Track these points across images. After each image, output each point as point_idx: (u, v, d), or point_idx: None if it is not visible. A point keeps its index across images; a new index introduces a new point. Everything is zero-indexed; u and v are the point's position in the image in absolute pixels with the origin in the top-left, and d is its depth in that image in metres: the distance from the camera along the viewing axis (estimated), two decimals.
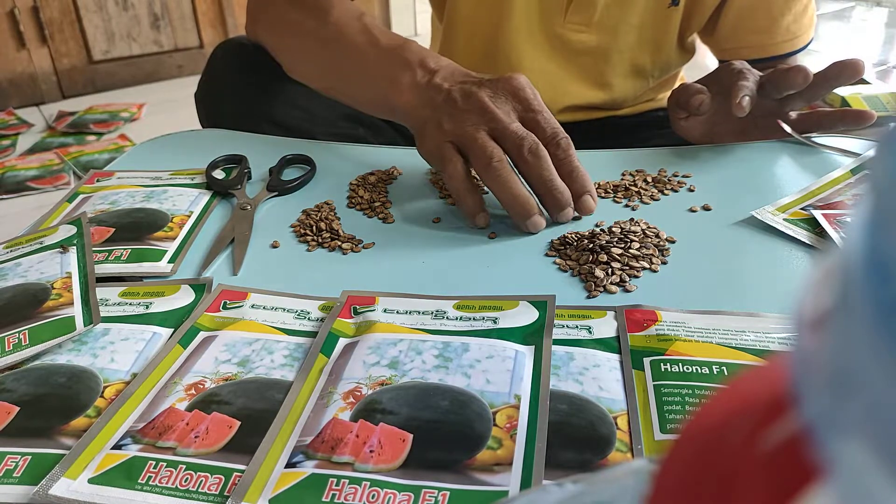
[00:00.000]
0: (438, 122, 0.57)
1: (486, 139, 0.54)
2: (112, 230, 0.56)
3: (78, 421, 0.37)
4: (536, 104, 0.57)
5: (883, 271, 0.07)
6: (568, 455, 0.34)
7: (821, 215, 0.54)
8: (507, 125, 0.54)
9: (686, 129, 0.70)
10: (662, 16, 0.79)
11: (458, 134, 0.55)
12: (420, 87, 0.60)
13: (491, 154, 0.54)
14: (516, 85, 0.57)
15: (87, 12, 2.46)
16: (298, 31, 0.71)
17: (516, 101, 0.57)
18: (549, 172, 0.54)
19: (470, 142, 0.55)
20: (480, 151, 0.54)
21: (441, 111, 0.57)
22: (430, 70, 0.60)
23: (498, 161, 0.54)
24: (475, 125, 0.55)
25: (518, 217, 0.54)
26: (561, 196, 0.54)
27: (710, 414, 0.10)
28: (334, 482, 0.33)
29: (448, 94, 0.57)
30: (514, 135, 0.54)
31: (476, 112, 0.55)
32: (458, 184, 0.55)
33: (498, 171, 0.53)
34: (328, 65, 0.70)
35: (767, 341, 0.41)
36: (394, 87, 0.61)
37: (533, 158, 0.54)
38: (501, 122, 0.55)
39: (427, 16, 1.01)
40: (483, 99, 0.56)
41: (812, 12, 0.81)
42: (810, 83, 0.63)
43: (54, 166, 1.88)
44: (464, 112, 0.56)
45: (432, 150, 0.57)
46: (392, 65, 0.62)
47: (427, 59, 0.61)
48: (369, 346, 0.42)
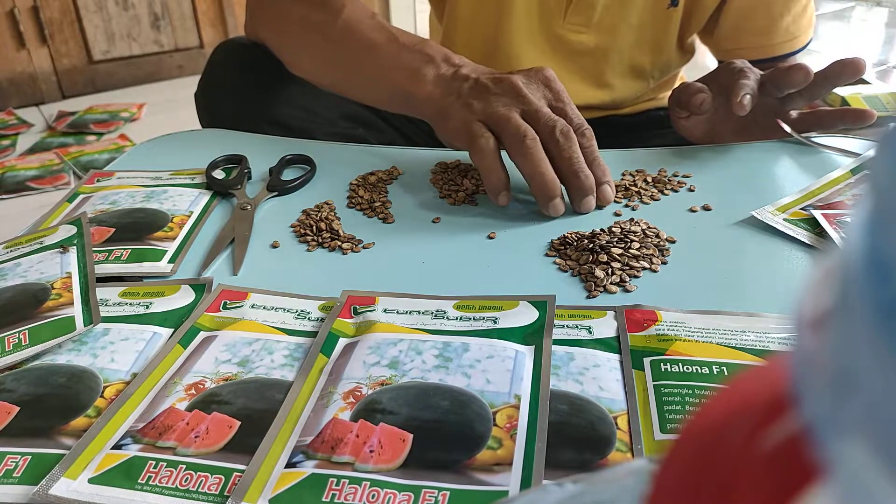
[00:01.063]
0: (467, 103, 0.58)
1: (518, 119, 0.56)
2: (112, 230, 0.56)
3: (78, 421, 0.37)
4: (566, 96, 0.59)
5: (883, 271, 0.07)
6: (568, 455, 0.34)
7: (821, 215, 0.54)
8: (539, 108, 0.56)
9: (687, 128, 0.70)
10: (662, 16, 0.79)
11: (490, 113, 0.56)
12: (445, 78, 0.61)
13: (525, 132, 0.55)
14: (549, 75, 0.60)
15: (87, 12, 2.46)
16: (304, 27, 0.72)
17: (547, 90, 0.59)
18: (579, 155, 0.55)
19: (503, 121, 0.56)
20: (514, 129, 0.55)
21: (470, 95, 0.58)
22: (455, 64, 0.62)
23: (532, 139, 0.55)
24: (507, 106, 0.56)
25: (542, 197, 0.55)
26: (587, 180, 0.55)
27: (710, 414, 0.10)
28: (334, 482, 0.33)
29: (476, 80, 0.59)
30: (546, 117, 0.56)
31: (508, 94, 0.57)
32: (488, 159, 0.56)
33: (530, 148, 0.54)
34: (336, 59, 0.70)
35: (767, 341, 0.41)
36: (414, 79, 0.62)
37: (564, 140, 0.55)
38: (534, 104, 0.56)
39: (427, 15, 1.00)
40: (516, 82, 0.57)
41: (811, 13, 0.81)
42: (811, 82, 0.63)
43: (54, 166, 1.88)
44: (496, 94, 0.57)
45: (459, 127, 0.58)
46: (413, 59, 0.63)
47: (451, 55, 0.63)
48: (369, 346, 0.42)
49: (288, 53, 0.74)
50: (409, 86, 0.63)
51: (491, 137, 0.56)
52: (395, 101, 0.67)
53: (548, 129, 0.55)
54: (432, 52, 0.63)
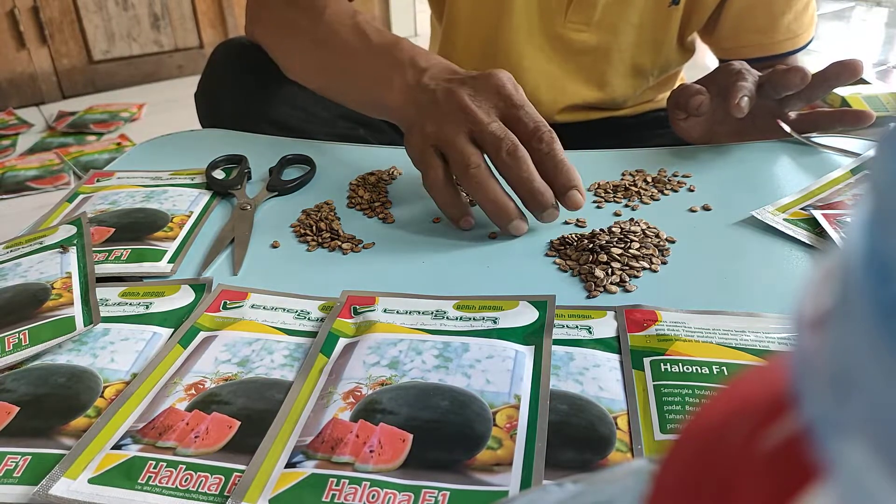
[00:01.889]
0: (422, 125, 0.56)
1: (464, 143, 0.53)
2: (112, 230, 0.56)
3: (78, 421, 0.37)
4: (518, 99, 0.55)
5: (883, 271, 0.07)
6: (568, 455, 0.34)
7: (821, 215, 0.54)
8: (485, 125, 0.53)
9: (686, 129, 0.70)
10: (662, 15, 0.79)
11: (439, 137, 0.55)
12: (409, 87, 0.59)
13: (468, 161, 0.53)
14: (497, 82, 0.56)
15: (87, 12, 2.46)
16: (294, 32, 0.71)
17: (498, 99, 0.55)
18: (527, 173, 0.52)
19: (449, 146, 0.54)
20: (459, 157, 0.53)
21: (424, 113, 0.56)
22: (420, 69, 0.60)
23: (475, 167, 0.53)
24: (455, 127, 0.54)
25: (499, 222, 0.54)
26: (542, 196, 0.53)
27: (710, 414, 0.10)
28: (334, 482, 0.33)
29: (433, 94, 0.57)
30: (492, 136, 0.53)
31: (455, 112, 0.54)
32: (438, 192, 0.55)
33: (475, 177, 0.53)
34: (321, 65, 0.69)
35: (767, 341, 0.41)
36: (385, 87, 0.61)
37: (511, 160, 0.52)
38: (481, 122, 0.53)
39: (427, 15, 1.00)
40: (463, 98, 0.55)
41: (813, 11, 0.81)
42: (809, 83, 0.63)
43: (54, 166, 1.88)
44: (445, 113, 0.55)
45: (416, 155, 0.57)
46: (383, 64, 0.62)
47: (417, 57, 0.61)
48: (369, 346, 0.42)
49: (281, 57, 0.74)
50: (379, 93, 0.61)
51: (441, 167, 0.55)
52: (374, 109, 0.66)
53: (493, 149, 0.53)
54: (401, 56, 0.61)
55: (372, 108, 0.66)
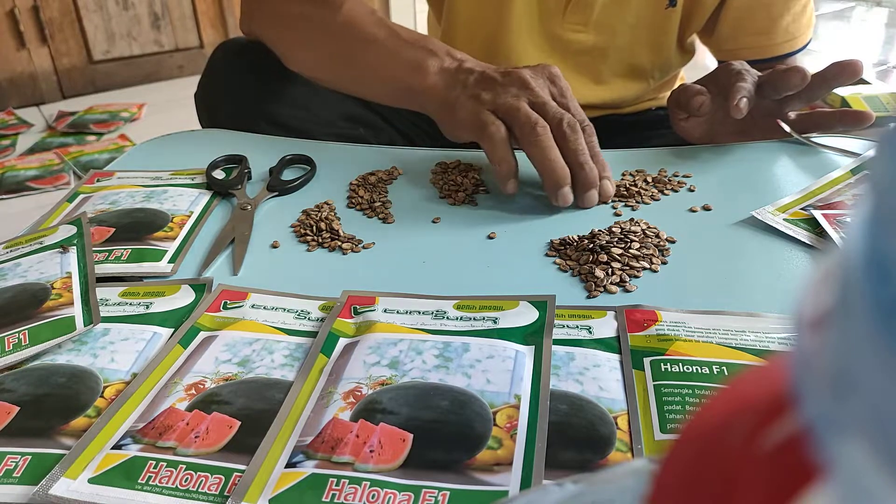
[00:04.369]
0: (474, 95, 0.58)
1: (528, 108, 0.56)
2: (112, 230, 0.56)
3: (78, 421, 0.37)
4: (569, 93, 0.60)
5: (883, 271, 0.07)
6: (568, 455, 0.34)
7: (821, 215, 0.54)
8: (547, 101, 0.57)
9: (686, 129, 0.70)
10: (660, 17, 0.79)
11: (500, 103, 0.57)
12: (449, 71, 0.62)
13: (536, 121, 0.55)
14: (554, 72, 0.61)
15: (87, 12, 2.46)
16: (303, 23, 0.72)
17: (553, 86, 0.60)
18: (584, 148, 0.56)
19: (513, 110, 0.56)
20: (525, 118, 0.56)
21: (477, 87, 0.59)
22: (458, 59, 0.63)
23: (543, 127, 0.55)
24: (516, 96, 0.57)
25: (552, 185, 0.56)
26: (591, 172, 0.56)
27: (710, 414, 0.10)
28: (334, 482, 0.33)
29: (482, 73, 0.60)
30: (554, 109, 0.56)
31: (516, 85, 0.58)
32: (499, 147, 0.57)
33: (541, 136, 0.55)
34: (336, 54, 0.70)
35: (767, 341, 0.41)
36: (418, 73, 0.62)
37: (571, 132, 0.56)
38: (541, 97, 0.57)
39: (426, 15, 1.00)
40: (524, 74, 0.58)
41: (811, 12, 0.81)
42: (809, 84, 0.63)
43: (54, 166, 1.88)
44: (503, 85, 0.58)
45: (467, 118, 0.58)
46: (416, 53, 0.64)
47: (453, 50, 0.64)
48: (369, 346, 0.42)
49: (285, 49, 0.74)
50: (411, 79, 0.63)
51: (502, 125, 0.57)
52: (397, 95, 0.67)
53: (555, 121, 0.56)
54: (434, 47, 0.64)
55: (396, 94, 0.67)
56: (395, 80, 0.65)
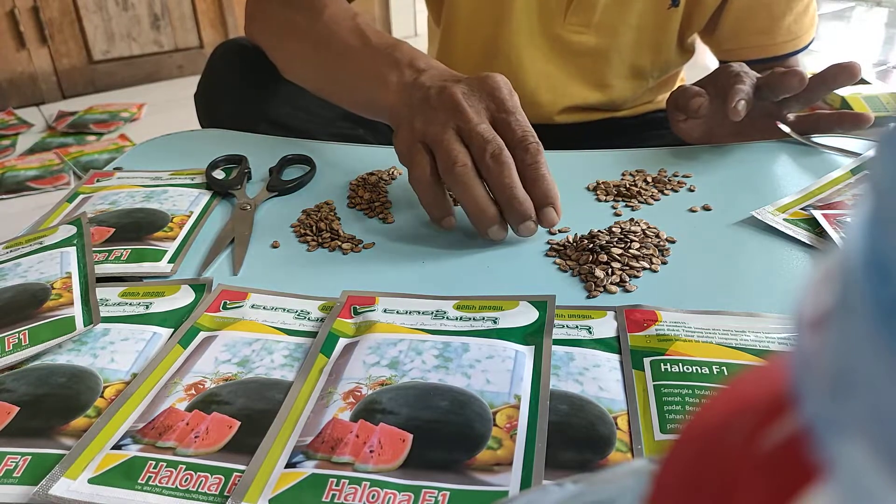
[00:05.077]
0: (411, 120, 0.55)
1: (451, 141, 0.52)
2: (112, 230, 0.56)
3: (78, 421, 0.37)
4: (511, 105, 0.54)
5: (883, 271, 0.07)
6: (568, 455, 0.34)
7: (821, 215, 0.54)
8: (474, 125, 0.52)
9: (685, 130, 0.70)
10: (662, 17, 0.79)
11: (427, 133, 0.54)
12: (406, 86, 0.58)
13: (455, 158, 0.52)
14: (493, 84, 0.55)
15: (87, 12, 2.46)
16: (292, 32, 0.71)
17: (490, 101, 0.55)
18: (509, 179, 0.51)
19: (437, 143, 0.53)
20: (445, 154, 0.52)
21: (415, 109, 0.56)
22: (418, 70, 0.59)
23: (462, 166, 0.51)
24: (443, 124, 0.53)
25: (479, 225, 0.52)
26: (520, 206, 0.51)
27: (710, 414, 0.10)
28: (334, 482, 0.33)
29: (427, 91, 0.56)
30: (479, 137, 0.52)
31: (446, 109, 0.54)
32: (423, 189, 0.54)
33: (460, 176, 0.51)
34: (319, 65, 0.69)
35: (767, 341, 0.41)
36: (382, 87, 0.60)
37: (494, 164, 0.51)
38: (470, 121, 0.52)
39: (426, 15, 1.00)
40: (456, 95, 0.54)
41: (813, 12, 0.81)
42: (807, 86, 0.63)
43: (54, 166, 1.88)
44: (435, 109, 0.54)
45: (403, 150, 0.56)
46: (382, 64, 0.61)
47: (417, 59, 0.60)
48: (369, 346, 0.42)
49: (279, 58, 0.74)
50: (376, 93, 0.61)
51: (427, 165, 0.53)
52: (367, 107, 0.65)
53: (480, 151, 0.52)
54: (400, 56, 0.61)
55: (367, 108, 0.65)
56: (364, 93, 0.63)
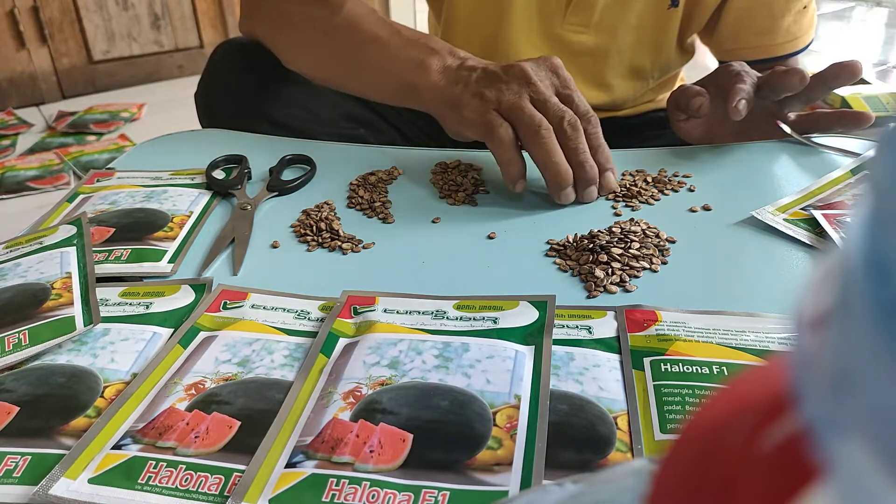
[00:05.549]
0: (479, 92, 0.59)
1: (532, 108, 0.57)
2: (112, 230, 0.56)
3: (78, 421, 0.37)
4: (572, 84, 0.60)
5: (883, 271, 0.07)
6: (568, 455, 0.34)
7: (821, 215, 0.54)
8: (548, 97, 0.57)
9: (685, 130, 0.70)
10: (662, 17, 0.79)
11: (503, 101, 0.57)
12: (451, 69, 0.62)
13: (540, 122, 0.56)
14: (556, 63, 0.60)
15: (87, 12, 2.46)
16: (303, 23, 0.72)
17: (555, 77, 0.60)
18: (585, 146, 0.57)
19: (517, 110, 0.57)
20: (529, 119, 0.56)
21: (479, 84, 0.59)
22: (461, 57, 0.63)
23: (546, 129, 0.56)
24: (518, 94, 0.57)
25: (555, 186, 0.57)
26: (591, 170, 0.57)
27: (710, 414, 0.10)
28: (334, 482, 0.33)
29: (485, 69, 0.60)
30: (555, 107, 0.57)
31: (518, 81, 0.58)
32: (507, 148, 0.57)
33: (545, 139, 0.56)
34: (337, 54, 0.70)
35: (767, 341, 0.41)
36: (420, 70, 0.62)
37: (572, 131, 0.56)
38: (543, 93, 0.57)
39: (426, 15, 1.00)
40: (525, 68, 0.58)
41: (813, 13, 0.81)
42: (808, 85, 0.63)
43: (54, 166, 1.88)
44: (506, 81, 0.58)
45: (474, 118, 0.59)
46: (419, 51, 0.64)
47: (455, 49, 0.64)
48: (369, 346, 0.42)
49: (284, 49, 0.74)
50: (413, 77, 0.63)
51: (508, 127, 0.57)
52: (399, 93, 0.66)
53: (557, 119, 0.56)
54: (437, 46, 0.64)
55: (397, 92, 0.67)
56: (398, 77, 0.65)
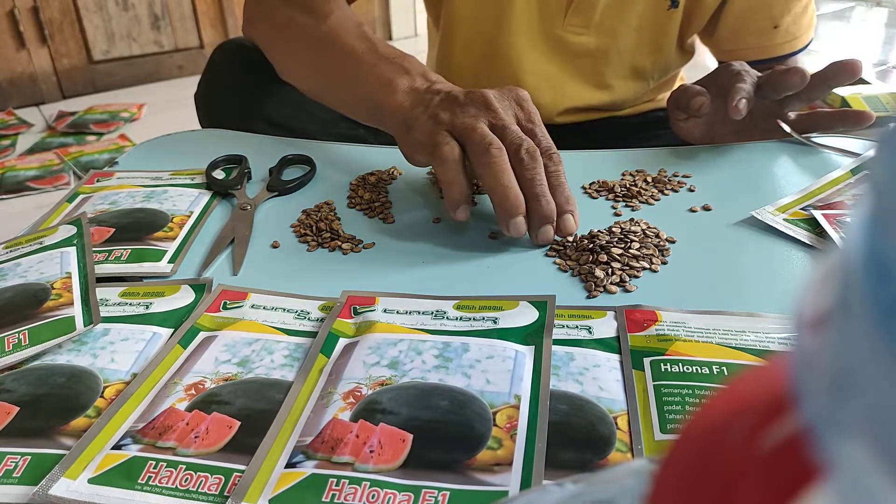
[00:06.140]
0: (434, 114, 0.55)
1: (486, 129, 0.52)
2: (112, 230, 0.56)
3: (78, 421, 0.37)
4: (537, 118, 0.56)
5: (883, 271, 0.07)
6: (568, 455, 0.34)
7: (821, 215, 0.54)
8: (508, 123, 0.53)
9: (686, 130, 0.70)
10: (662, 18, 0.79)
11: (457, 123, 0.53)
12: (417, 91, 0.58)
13: (491, 141, 0.51)
14: (522, 95, 0.57)
15: (87, 12, 2.46)
16: (290, 31, 0.71)
17: (519, 109, 0.56)
18: (542, 178, 0.52)
19: (469, 130, 0.52)
20: (479, 138, 0.51)
21: (438, 107, 0.55)
22: (430, 80, 0.59)
23: (497, 148, 0.51)
24: (475, 116, 0.53)
25: (503, 212, 0.51)
26: (548, 205, 0.51)
27: (710, 414, 0.10)
28: (334, 482, 0.33)
29: (448, 93, 0.56)
30: (513, 134, 0.52)
31: (477, 105, 0.54)
32: (450, 168, 0.52)
33: (495, 158, 0.51)
34: (318, 67, 0.69)
35: (767, 341, 0.41)
36: (386, 90, 0.59)
37: (529, 160, 0.51)
38: (503, 119, 0.53)
39: (426, 16, 1.00)
40: (487, 95, 0.55)
41: (812, 13, 0.81)
42: (808, 84, 0.63)
43: (54, 166, 1.88)
44: (464, 105, 0.54)
45: (423, 138, 0.55)
46: (390, 70, 0.61)
47: (428, 72, 0.61)
48: (369, 346, 0.42)
49: (276, 57, 0.73)
50: (379, 96, 0.60)
51: (455, 146, 0.53)
52: (366, 111, 0.64)
53: (514, 146, 0.52)
54: (410, 66, 0.61)
55: (365, 110, 0.64)
56: (364, 95, 0.62)
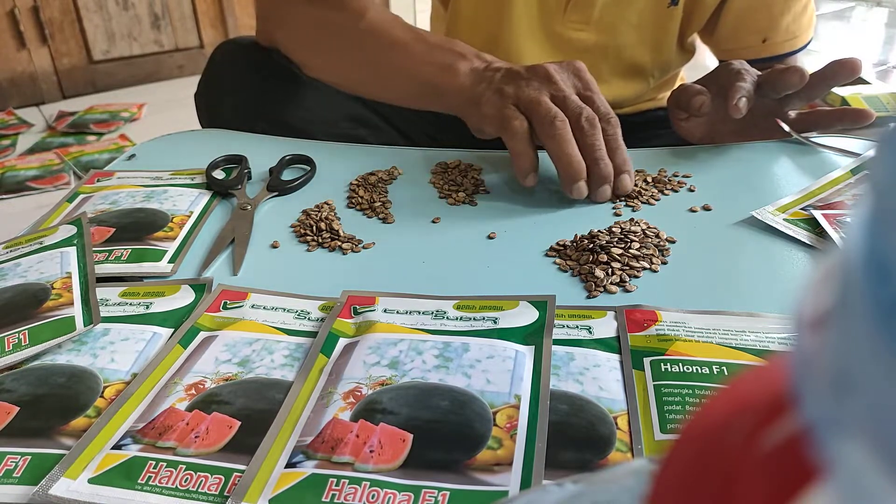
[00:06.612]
0: (499, 89, 0.60)
1: (549, 101, 0.57)
2: (112, 230, 0.56)
3: (78, 421, 0.37)
4: (594, 86, 0.61)
5: (883, 271, 0.07)
6: (568, 455, 0.34)
7: (821, 215, 0.54)
8: (568, 94, 0.58)
9: (686, 129, 0.70)
10: (662, 15, 0.79)
11: (521, 97, 0.58)
12: (478, 71, 0.63)
13: (555, 115, 0.56)
14: (579, 66, 0.62)
15: (88, 12, 2.46)
16: (324, 29, 0.73)
17: (577, 79, 0.61)
18: (601, 143, 0.57)
19: (534, 104, 0.57)
20: (545, 111, 0.57)
21: (501, 82, 0.60)
22: (486, 60, 0.64)
23: (561, 121, 0.56)
24: (538, 89, 0.58)
25: (567, 178, 0.57)
26: (605, 168, 0.57)
27: (710, 414, 0.10)
28: (334, 482, 0.33)
29: (509, 69, 0.61)
30: (574, 104, 0.58)
31: (539, 79, 0.59)
32: (520, 140, 0.58)
33: (560, 130, 0.56)
34: (360, 59, 0.71)
35: (767, 341, 0.41)
36: (447, 73, 0.64)
37: (589, 127, 0.57)
38: (563, 90, 0.58)
39: (426, 15, 1.00)
40: (549, 68, 0.60)
41: (811, 12, 0.81)
42: (808, 83, 0.63)
43: (54, 166, 1.88)
44: (527, 79, 0.59)
45: (492, 113, 0.60)
46: (445, 55, 0.65)
47: (481, 53, 0.66)
48: (369, 346, 0.42)
49: (304, 55, 0.75)
50: (440, 79, 0.64)
51: (524, 120, 0.58)
52: (425, 96, 0.68)
53: (574, 115, 0.57)
54: (463, 50, 0.65)
55: (426, 96, 0.68)
56: (424, 81, 0.66)
